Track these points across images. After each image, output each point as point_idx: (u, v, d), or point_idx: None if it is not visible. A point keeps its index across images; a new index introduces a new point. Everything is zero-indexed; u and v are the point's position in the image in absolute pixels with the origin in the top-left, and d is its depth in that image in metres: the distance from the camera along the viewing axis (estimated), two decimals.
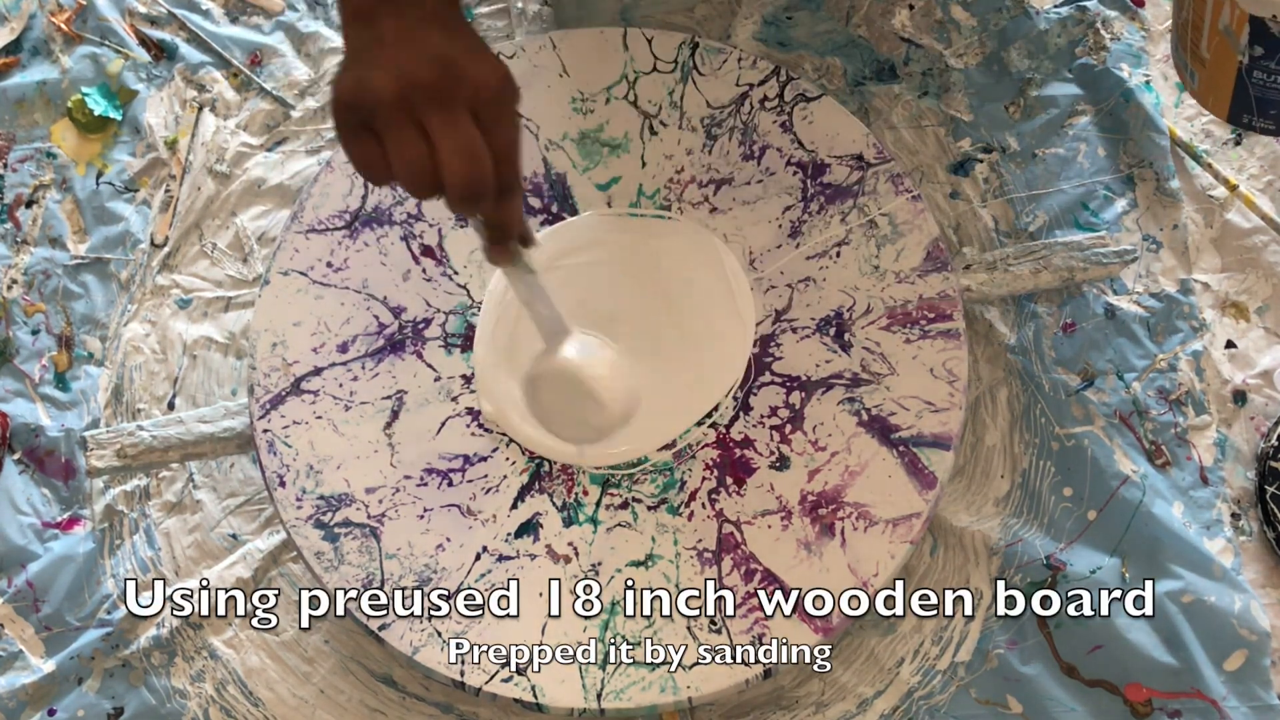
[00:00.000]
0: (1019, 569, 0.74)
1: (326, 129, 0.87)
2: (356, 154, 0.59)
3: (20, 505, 0.79)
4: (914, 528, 0.72)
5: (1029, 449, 0.77)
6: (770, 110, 0.81)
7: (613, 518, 0.74)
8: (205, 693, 0.75)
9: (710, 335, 0.77)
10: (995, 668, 0.73)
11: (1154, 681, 0.72)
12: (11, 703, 0.75)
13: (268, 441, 0.76)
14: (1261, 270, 0.81)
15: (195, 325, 0.83)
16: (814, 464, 0.74)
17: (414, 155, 0.57)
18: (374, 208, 0.80)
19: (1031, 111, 0.83)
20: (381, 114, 0.57)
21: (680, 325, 0.77)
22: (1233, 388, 0.78)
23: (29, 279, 0.84)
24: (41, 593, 0.77)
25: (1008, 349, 0.79)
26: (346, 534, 0.74)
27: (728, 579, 0.72)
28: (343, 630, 0.76)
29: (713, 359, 0.77)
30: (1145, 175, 0.82)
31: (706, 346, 0.77)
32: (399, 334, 0.78)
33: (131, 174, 0.86)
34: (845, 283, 0.78)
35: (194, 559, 0.78)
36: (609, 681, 0.70)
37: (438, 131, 0.57)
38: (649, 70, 0.82)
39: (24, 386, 0.82)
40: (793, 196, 0.79)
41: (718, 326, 0.77)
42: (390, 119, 0.57)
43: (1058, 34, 0.85)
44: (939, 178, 0.83)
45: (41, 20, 0.89)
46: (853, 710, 0.73)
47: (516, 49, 0.83)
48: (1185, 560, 0.73)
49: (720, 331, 0.77)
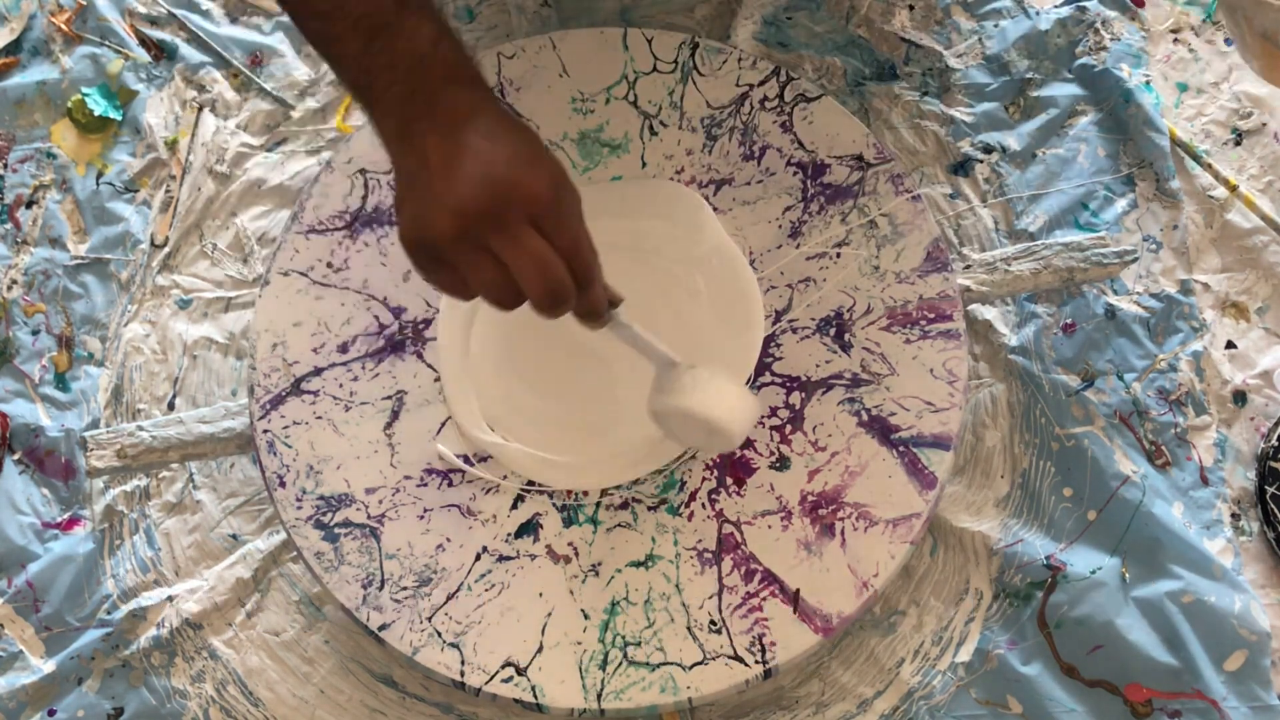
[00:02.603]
0: (1019, 569, 0.74)
1: (327, 129, 0.87)
2: (439, 284, 0.61)
3: (20, 505, 0.79)
4: (914, 528, 0.72)
5: (1029, 449, 0.77)
6: (770, 110, 0.81)
7: (613, 518, 0.74)
8: (205, 693, 0.75)
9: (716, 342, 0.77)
10: (995, 668, 0.73)
11: (1154, 681, 0.72)
12: (11, 703, 0.75)
13: (268, 442, 0.76)
14: (1261, 270, 0.81)
15: (195, 325, 0.83)
16: (814, 464, 0.74)
17: (490, 279, 0.58)
18: (374, 208, 0.80)
19: (1031, 111, 0.83)
20: (448, 251, 0.58)
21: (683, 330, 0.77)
22: (1233, 388, 0.78)
23: (29, 279, 0.84)
24: (41, 593, 0.77)
25: (1008, 349, 0.79)
26: (346, 534, 0.74)
27: (728, 579, 0.72)
28: (343, 630, 0.76)
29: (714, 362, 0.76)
30: (1145, 175, 0.82)
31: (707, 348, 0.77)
32: (399, 334, 0.78)
33: (131, 174, 0.86)
34: (845, 283, 0.78)
35: (194, 559, 0.78)
36: (609, 681, 0.70)
37: (505, 254, 0.58)
38: (649, 70, 0.82)
39: (24, 386, 0.82)
40: (793, 197, 0.79)
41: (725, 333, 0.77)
42: (458, 253, 0.58)
43: (1058, 34, 0.85)
44: (939, 178, 0.83)
45: (41, 20, 0.89)
46: (853, 710, 0.73)
47: (516, 49, 0.83)
48: (1185, 560, 0.73)
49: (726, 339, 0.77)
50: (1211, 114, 0.84)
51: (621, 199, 0.80)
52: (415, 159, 0.59)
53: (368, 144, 0.81)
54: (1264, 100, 0.84)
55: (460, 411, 0.76)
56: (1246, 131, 0.84)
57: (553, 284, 0.58)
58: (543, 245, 0.58)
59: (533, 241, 0.58)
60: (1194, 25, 0.86)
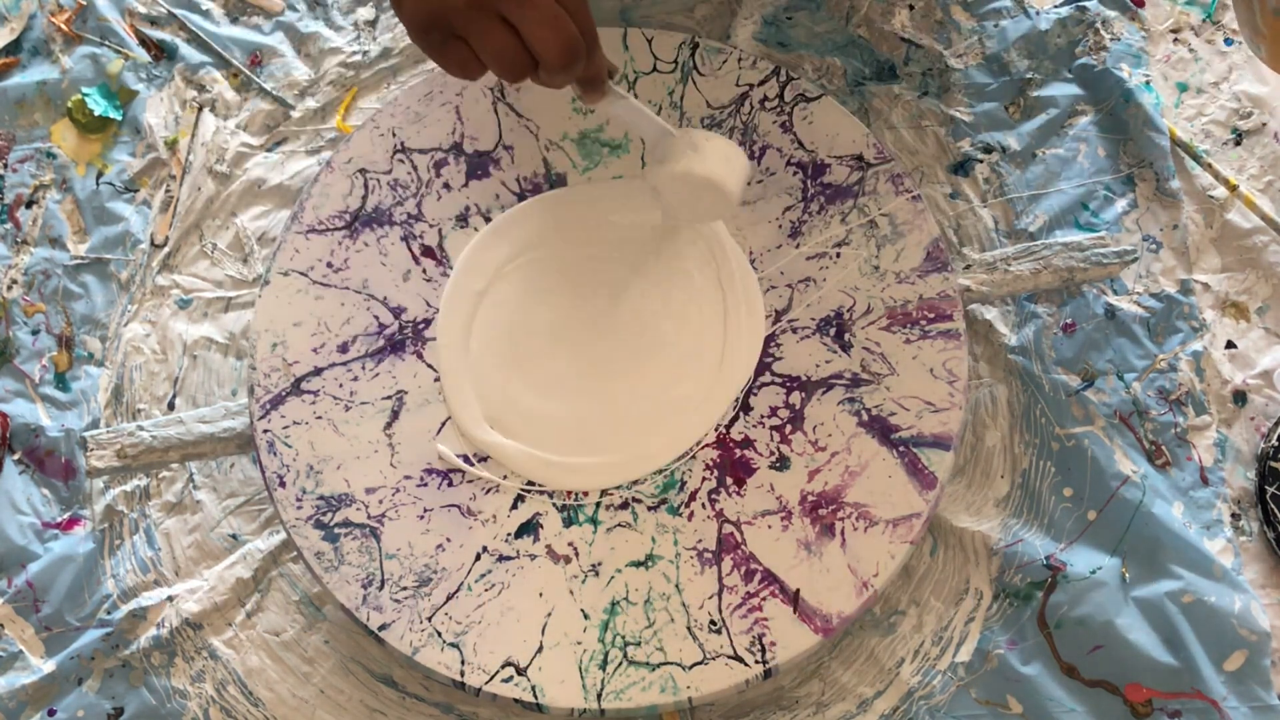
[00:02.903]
0: (1019, 569, 0.74)
1: (327, 129, 0.87)
2: (447, 61, 0.62)
3: (20, 505, 0.79)
4: (914, 528, 0.72)
5: (1029, 449, 0.77)
6: (770, 110, 0.81)
7: (613, 518, 0.74)
8: (205, 693, 0.75)
9: (711, 335, 0.77)
10: (995, 668, 0.73)
11: (1154, 681, 0.72)
12: (11, 703, 0.75)
13: (268, 442, 0.76)
14: (1261, 270, 0.81)
15: (195, 325, 0.83)
16: (814, 464, 0.74)
17: (504, 44, 0.60)
18: (374, 208, 0.80)
19: (1031, 111, 0.83)
20: (459, 20, 0.60)
21: (679, 327, 0.77)
22: (1233, 388, 0.78)
23: (29, 279, 0.84)
24: (41, 593, 0.77)
25: (1008, 349, 0.79)
26: (346, 534, 0.74)
27: (728, 579, 0.72)
28: (343, 630, 0.76)
29: (713, 363, 0.77)
30: (1145, 175, 0.82)
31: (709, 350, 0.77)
32: (399, 334, 0.78)
33: (131, 174, 0.86)
34: (845, 283, 0.78)
35: (194, 559, 0.78)
36: (609, 681, 0.70)
37: (518, 14, 0.59)
38: (649, 70, 0.82)
39: (24, 386, 0.82)
40: (793, 196, 0.79)
41: (720, 325, 0.77)
42: (471, 20, 0.60)
43: (1058, 34, 0.85)
44: (939, 178, 0.83)
45: (41, 20, 0.89)
46: (853, 710, 0.73)
47: None
48: (1185, 560, 0.73)
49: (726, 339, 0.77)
50: (1211, 114, 0.84)
51: (624, 198, 0.80)
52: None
53: (368, 144, 0.81)
54: (1264, 100, 0.84)
55: (460, 411, 0.76)
56: (1246, 131, 0.84)
57: (567, 39, 0.60)
58: (554, 4, 0.59)
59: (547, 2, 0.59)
60: (1194, 25, 0.86)
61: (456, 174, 0.81)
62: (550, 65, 0.61)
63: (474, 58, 0.62)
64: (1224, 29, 0.86)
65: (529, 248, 0.79)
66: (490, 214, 0.80)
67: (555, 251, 0.79)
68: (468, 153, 0.81)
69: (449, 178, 0.81)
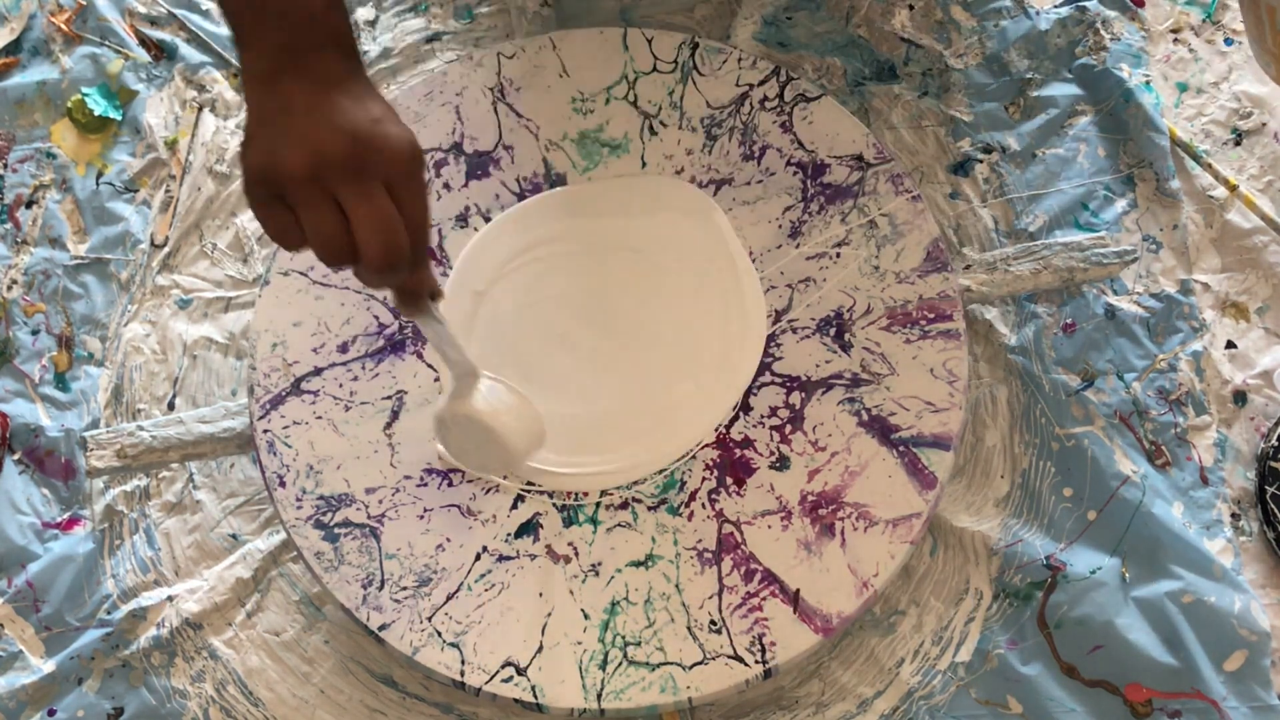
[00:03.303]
0: (1019, 569, 0.74)
1: None
2: (270, 224, 0.59)
3: (20, 505, 0.79)
4: (914, 528, 0.72)
5: (1029, 449, 0.77)
6: (770, 110, 0.81)
7: (612, 518, 0.74)
8: (205, 693, 0.75)
9: (712, 336, 0.77)
10: (995, 668, 0.73)
11: (1154, 681, 0.72)
12: (11, 703, 0.75)
13: (268, 442, 0.76)
14: (1261, 270, 0.81)
15: (195, 325, 0.83)
16: (814, 464, 0.74)
17: (330, 230, 0.57)
18: None
19: (1031, 111, 0.83)
20: (294, 189, 0.57)
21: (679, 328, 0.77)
22: (1233, 388, 0.78)
23: (29, 279, 0.84)
24: (41, 593, 0.77)
25: (1008, 349, 0.79)
26: (346, 534, 0.74)
27: (728, 579, 0.72)
28: (343, 630, 0.76)
29: (714, 364, 0.76)
30: (1145, 175, 0.82)
31: (710, 350, 0.77)
32: (399, 334, 0.78)
33: (131, 174, 0.86)
34: (845, 283, 0.78)
35: (194, 559, 0.78)
36: (609, 681, 0.70)
37: (352, 206, 0.57)
38: (649, 70, 0.82)
39: (24, 386, 0.82)
40: (793, 197, 0.79)
41: (721, 325, 0.77)
42: (304, 194, 0.57)
43: (1058, 34, 0.85)
44: (939, 178, 0.83)
45: (41, 20, 0.89)
46: (853, 710, 0.73)
47: (516, 49, 0.83)
48: (1185, 560, 0.73)
49: (727, 339, 0.77)
50: (1211, 114, 0.84)
51: (626, 197, 0.80)
52: (279, 101, 0.58)
53: None
54: (1264, 100, 0.84)
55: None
56: (1246, 131, 0.84)
57: (392, 247, 0.57)
58: (391, 207, 0.57)
59: (382, 200, 0.57)
60: (1194, 25, 0.86)
61: (456, 174, 0.81)
62: (368, 265, 0.57)
63: (297, 229, 0.58)
64: (1224, 29, 0.86)
65: (529, 248, 0.79)
66: (490, 214, 0.80)
67: (555, 252, 0.79)
68: (467, 153, 0.81)
69: (449, 178, 0.81)
